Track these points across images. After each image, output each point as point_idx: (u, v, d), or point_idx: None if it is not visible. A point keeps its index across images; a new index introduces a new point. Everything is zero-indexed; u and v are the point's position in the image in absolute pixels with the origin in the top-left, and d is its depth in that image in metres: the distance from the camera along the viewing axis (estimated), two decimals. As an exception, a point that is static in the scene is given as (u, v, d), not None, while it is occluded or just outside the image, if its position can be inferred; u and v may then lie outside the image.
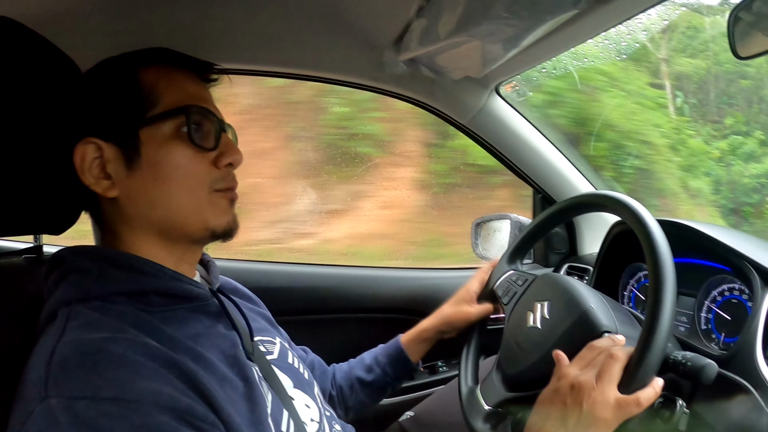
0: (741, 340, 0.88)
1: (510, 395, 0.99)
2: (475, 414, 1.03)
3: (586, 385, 0.75)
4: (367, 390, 1.22)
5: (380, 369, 1.21)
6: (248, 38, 1.32)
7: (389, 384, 1.23)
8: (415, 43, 1.19)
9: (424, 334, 1.23)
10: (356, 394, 1.21)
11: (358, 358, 1.27)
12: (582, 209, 1.13)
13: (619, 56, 1.54)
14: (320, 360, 1.25)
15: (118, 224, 0.80)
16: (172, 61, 0.83)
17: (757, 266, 0.92)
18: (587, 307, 0.89)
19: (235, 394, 0.72)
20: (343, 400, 1.22)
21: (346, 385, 1.22)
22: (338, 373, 1.24)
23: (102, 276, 0.74)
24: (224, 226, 0.82)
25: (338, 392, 1.22)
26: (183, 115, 0.77)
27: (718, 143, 3.71)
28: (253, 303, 1.05)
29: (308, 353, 1.23)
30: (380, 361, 1.22)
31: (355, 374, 1.22)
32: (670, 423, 0.84)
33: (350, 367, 1.25)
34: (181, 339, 0.71)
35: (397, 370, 1.22)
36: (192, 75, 0.84)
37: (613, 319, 0.88)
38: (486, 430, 0.99)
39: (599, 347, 0.81)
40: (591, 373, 0.76)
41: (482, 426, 1.00)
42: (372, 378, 1.21)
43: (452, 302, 1.22)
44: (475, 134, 1.60)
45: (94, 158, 0.76)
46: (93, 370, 0.60)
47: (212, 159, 0.81)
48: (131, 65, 0.80)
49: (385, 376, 1.21)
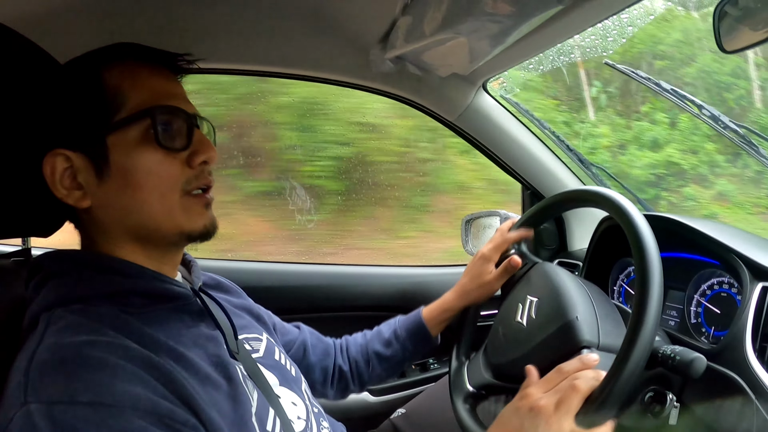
0: (730, 334, 0.88)
1: (492, 381, 1.02)
2: (458, 392, 1.07)
3: (544, 410, 0.75)
4: (384, 364, 1.21)
5: (399, 344, 1.20)
6: (234, 37, 1.31)
7: (407, 359, 1.22)
8: (401, 40, 1.19)
9: (446, 305, 1.21)
10: (373, 369, 1.20)
11: (375, 331, 1.25)
12: (569, 205, 1.12)
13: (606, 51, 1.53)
14: (318, 335, 1.23)
15: (93, 232, 0.78)
16: (138, 56, 0.79)
17: (746, 260, 0.93)
18: (571, 318, 0.88)
19: (218, 394, 0.71)
20: (359, 375, 1.21)
21: (363, 359, 1.21)
22: (352, 347, 1.23)
23: (82, 279, 0.72)
24: (200, 230, 0.79)
25: (353, 366, 1.21)
26: (149, 118, 0.74)
27: (625, 132, 3.64)
28: (236, 296, 1.03)
29: (301, 328, 1.22)
30: (400, 336, 1.20)
31: (372, 348, 1.21)
32: (661, 417, 0.84)
33: (366, 340, 1.23)
34: (163, 340, 0.70)
35: (416, 344, 1.21)
36: (161, 69, 0.80)
37: (597, 332, 0.87)
38: (465, 410, 1.03)
39: (566, 372, 0.80)
40: (552, 399, 0.76)
41: (462, 406, 1.04)
42: (391, 353, 1.20)
43: (470, 275, 1.19)
44: (463, 131, 1.60)
45: (64, 169, 0.74)
46: (71, 374, 0.59)
47: (185, 159, 0.78)
48: (94, 66, 0.76)
49: (404, 351, 1.20)
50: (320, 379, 1.18)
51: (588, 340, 0.86)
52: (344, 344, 1.24)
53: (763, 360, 0.82)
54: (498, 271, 1.15)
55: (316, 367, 1.17)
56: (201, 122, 0.83)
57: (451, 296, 1.22)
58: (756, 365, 0.82)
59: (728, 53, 0.93)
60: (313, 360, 1.17)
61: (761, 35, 0.88)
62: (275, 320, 1.14)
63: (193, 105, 0.83)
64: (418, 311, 1.23)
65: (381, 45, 1.30)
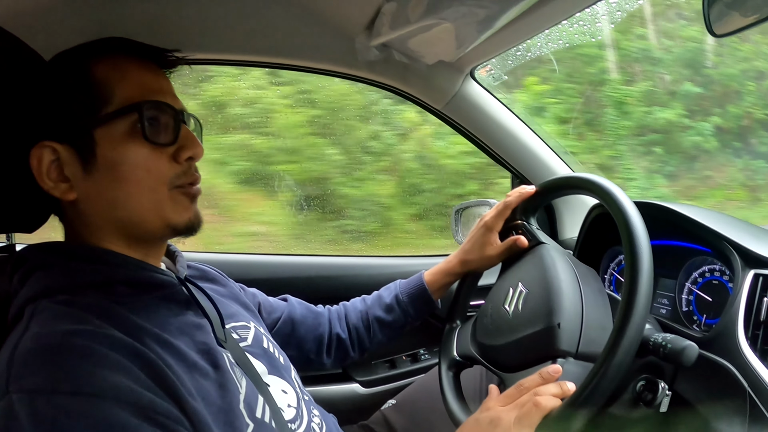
0: (722, 322, 0.87)
1: (475, 356, 1.04)
2: (445, 357, 1.10)
3: (504, 423, 0.78)
4: (386, 330, 1.21)
5: (401, 309, 1.20)
6: (218, 28, 1.29)
7: (408, 323, 1.22)
8: (386, 27, 1.17)
9: (448, 269, 1.21)
10: (375, 335, 1.21)
11: (374, 296, 1.25)
12: (558, 192, 1.10)
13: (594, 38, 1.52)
14: (308, 305, 1.23)
15: (79, 225, 0.78)
16: (127, 50, 0.79)
17: (738, 247, 0.92)
18: (553, 325, 0.87)
19: (206, 382, 0.71)
20: (360, 341, 1.21)
21: (363, 325, 1.21)
22: (352, 313, 1.23)
23: (66, 270, 0.72)
24: (186, 223, 0.79)
25: (353, 333, 1.21)
26: (136, 113, 0.74)
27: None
28: (223, 285, 1.03)
29: (289, 300, 1.22)
30: (401, 301, 1.20)
31: (373, 314, 1.21)
32: (652, 405, 0.84)
33: (367, 306, 1.23)
34: (149, 327, 0.70)
35: (418, 309, 1.21)
36: (149, 64, 0.81)
37: (577, 340, 0.86)
38: (449, 378, 1.07)
39: (527, 387, 0.82)
40: (513, 413, 0.79)
41: (445, 373, 1.08)
42: (392, 318, 1.20)
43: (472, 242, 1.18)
44: (451, 119, 1.59)
45: (51, 161, 0.74)
46: (53, 363, 0.60)
47: (171, 154, 0.78)
48: (83, 59, 0.77)
49: (406, 316, 1.21)
50: (314, 349, 1.18)
51: (564, 350, 0.85)
52: (342, 311, 1.24)
53: (755, 348, 0.82)
54: (501, 245, 1.14)
55: (307, 339, 1.17)
56: (188, 118, 0.84)
57: (453, 260, 1.22)
58: (748, 353, 0.81)
59: (718, 37, 0.93)
60: (303, 332, 1.17)
61: (751, 19, 0.88)
62: (260, 300, 1.14)
63: (180, 101, 0.83)
64: (420, 275, 1.23)
65: (366, 33, 1.28)
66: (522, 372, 0.90)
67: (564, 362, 0.83)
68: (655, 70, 3.67)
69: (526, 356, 0.90)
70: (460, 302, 1.21)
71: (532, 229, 1.10)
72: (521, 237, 1.09)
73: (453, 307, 1.21)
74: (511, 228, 1.14)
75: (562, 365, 0.83)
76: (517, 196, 1.13)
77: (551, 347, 0.86)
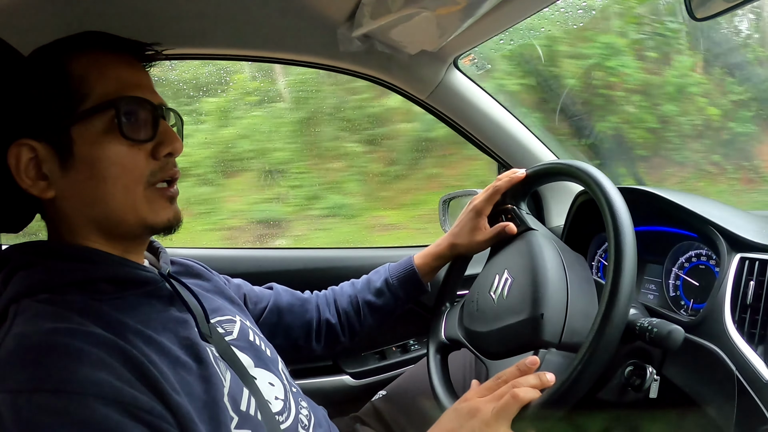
0: (709, 306, 0.88)
1: (461, 340, 1.05)
2: (433, 339, 1.12)
3: (482, 414, 0.78)
4: (376, 314, 1.21)
5: (391, 293, 1.20)
6: (198, 21, 1.27)
7: (399, 307, 1.22)
8: (367, 18, 1.16)
9: (438, 252, 1.21)
10: (365, 319, 1.21)
11: (364, 280, 1.25)
12: (543, 179, 1.09)
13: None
14: (294, 292, 1.23)
15: (58, 223, 0.78)
16: (104, 45, 0.78)
17: (723, 231, 0.92)
18: (536, 315, 0.87)
19: (189, 376, 0.71)
20: (350, 326, 1.21)
21: (353, 310, 1.21)
22: (341, 298, 1.22)
23: (49, 269, 0.72)
24: (164, 223, 0.79)
25: (344, 318, 1.21)
26: (113, 109, 0.73)
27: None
28: (207, 280, 1.02)
29: (274, 288, 1.21)
30: (391, 284, 1.20)
31: (363, 298, 1.21)
32: (641, 391, 0.84)
33: (356, 291, 1.23)
34: (131, 324, 0.70)
35: (408, 293, 1.21)
36: (127, 58, 0.80)
37: (561, 331, 0.86)
38: (436, 361, 1.08)
39: (505, 379, 0.83)
40: (490, 405, 0.79)
41: (433, 356, 1.09)
42: (383, 302, 1.20)
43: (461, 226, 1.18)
44: (435, 109, 1.58)
45: (29, 159, 0.73)
46: (34, 362, 0.60)
47: (150, 150, 0.77)
48: (59, 55, 0.75)
49: (396, 300, 1.20)
50: (302, 336, 1.18)
51: (547, 340, 0.85)
52: (330, 296, 1.24)
53: (742, 331, 0.82)
54: (490, 231, 1.13)
55: (294, 326, 1.17)
56: (167, 113, 0.83)
57: (442, 244, 1.22)
58: (735, 336, 0.82)
59: (698, 20, 0.93)
60: (290, 319, 1.17)
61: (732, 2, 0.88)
62: (246, 290, 1.14)
63: (159, 95, 0.82)
64: (410, 258, 1.23)
65: (348, 23, 1.27)
66: (505, 360, 0.90)
67: (546, 353, 0.84)
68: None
69: (510, 345, 0.91)
70: (450, 285, 1.21)
71: (521, 214, 1.09)
72: (510, 224, 1.09)
73: (442, 289, 1.21)
74: (500, 212, 1.14)
75: (544, 356, 0.83)
76: (507, 180, 1.12)
77: (534, 338, 0.86)
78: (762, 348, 0.80)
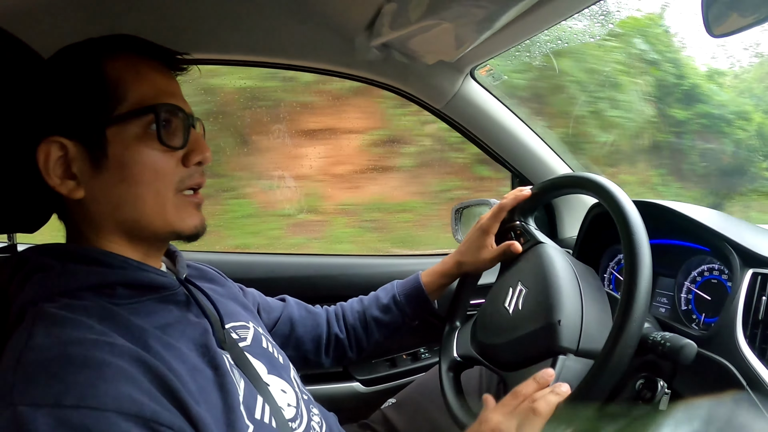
0: (721, 320, 0.88)
1: (475, 356, 1.03)
2: (445, 358, 1.10)
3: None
4: (383, 330, 1.21)
5: (398, 309, 1.20)
6: (217, 27, 1.29)
7: (405, 324, 1.22)
8: (386, 27, 1.17)
9: (445, 270, 1.22)
10: (372, 335, 1.21)
11: (371, 296, 1.25)
12: (557, 192, 1.10)
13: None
14: (306, 306, 1.23)
15: (82, 224, 0.77)
16: (139, 50, 0.79)
17: (736, 246, 0.92)
18: (553, 321, 0.87)
19: (207, 384, 0.71)
20: (357, 342, 1.22)
21: (360, 325, 1.21)
22: (349, 314, 1.23)
23: (66, 272, 0.71)
24: (191, 230, 0.80)
25: (351, 333, 1.21)
26: (152, 114, 0.74)
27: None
28: (222, 286, 1.03)
29: (287, 301, 1.22)
30: (398, 301, 1.21)
31: (371, 314, 1.21)
32: (652, 404, 0.84)
33: (364, 306, 1.23)
34: (150, 329, 0.70)
35: (415, 309, 1.21)
36: (160, 65, 0.80)
37: (578, 337, 0.86)
38: (449, 379, 1.06)
39: (523, 395, 0.81)
40: (512, 423, 0.77)
41: (446, 373, 1.07)
42: (389, 319, 1.20)
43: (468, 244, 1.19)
44: (451, 119, 1.59)
45: (58, 158, 0.73)
46: (55, 375, 0.59)
47: (180, 157, 0.78)
48: (95, 55, 0.75)
49: (404, 317, 1.20)
50: (312, 349, 1.19)
51: (565, 347, 0.85)
52: (339, 312, 1.24)
53: (753, 346, 0.82)
54: (496, 250, 1.14)
55: (305, 339, 1.17)
56: (195, 121, 0.84)
57: (449, 262, 1.22)
58: (747, 351, 0.82)
59: (716, 37, 0.93)
60: (302, 332, 1.17)
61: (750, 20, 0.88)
62: (259, 300, 1.14)
63: (188, 104, 0.83)
64: (417, 276, 1.23)
65: (366, 33, 1.28)
66: (523, 370, 0.90)
67: (565, 359, 0.84)
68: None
69: (527, 354, 0.90)
70: (460, 304, 1.21)
71: (530, 229, 1.10)
72: (515, 243, 1.10)
73: (452, 308, 1.21)
74: (508, 229, 1.15)
75: (563, 362, 0.83)
76: (512, 198, 1.13)
77: (552, 344, 0.86)
78: (773, 363, 0.80)
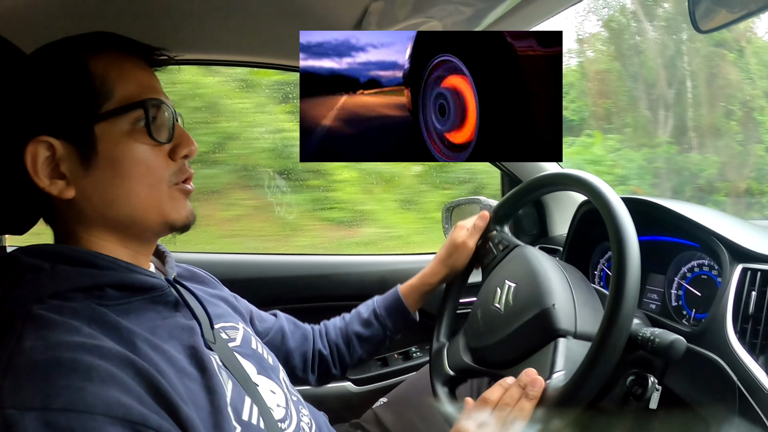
0: (711, 316, 0.88)
1: (470, 365, 1.02)
2: (438, 375, 1.08)
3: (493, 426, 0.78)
4: (365, 345, 1.21)
5: (379, 323, 1.20)
6: (204, 27, 1.28)
7: (388, 337, 1.22)
8: (373, 26, 1.17)
9: (424, 278, 1.22)
10: (354, 351, 1.21)
11: (353, 312, 1.25)
12: (545, 189, 1.11)
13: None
14: (295, 321, 1.23)
15: (72, 224, 0.77)
16: (120, 46, 0.78)
17: (726, 241, 0.92)
18: (548, 306, 0.88)
19: (194, 386, 0.71)
20: (340, 358, 1.21)
21: (343, 342, 1.21)
22: (332, 330, 1.23)
23: (55, 273, 0.70)
24: (183, 220, 0.80)
25: (334, 350, 1.21)
26: (141, 110, 0.74)
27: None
28: (211, 287, 1.02)
29: (278, 316, 1.21)
30: (379, 315, 1.21)
31: (352, 330, 1.21)
32: (642, 400, 0.84)
33: (345, 323, 1.23)
34: (139, 331, 0.69)
35: (396, 322, 1.21)
36: (141, 62, 0.80)
37: (574, 320, 0.87)
38: (444, 393, 1.04)
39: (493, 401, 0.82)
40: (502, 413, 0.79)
41: (441, 389, 1.05)
42: (370, 333, 1.20)
43: (445, 245, 1.21)
44: (440, 118, 1.57)
45: (46, 158, 0.72)
46: (44, 378, 0.58)
47: (167, 151, 0.79)
48: (79, 53, 0.75)
49: (385, 330, 1.20)
50: (300, 366, 1.18)
51: (564, 328, 0.85)
52: (323, 329, 1.24)
53: (743, 341, 0.82)
54: (469, 228, 1.17)
55: (295, 353, 1.17)
56: (178, 116, 0.84)
57: (428, 269, 1.22)
58: (737, 346, 0.82)
59: (703, 33, 0.93)
60: (292, 346, 1.17)
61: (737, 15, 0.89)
62: (252, 309, 1.14)
63: (169, 99, 0.83)
64: (395, 289, 1.24)
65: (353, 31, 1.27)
66: (522, 363, 0.89)
67: (566, 341, 0.84)
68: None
69: (526, 345, 0.90)
70: (444, 321, 1.20)
71: (506, 236, 1.14)
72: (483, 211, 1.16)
73: (438, 327, 1.20)
74: (486, 240, 1.17)
75: (565, 344, 0.84)
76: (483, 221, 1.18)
77: (551, 328, 0.86)
78: (763, 358, 0.80)
